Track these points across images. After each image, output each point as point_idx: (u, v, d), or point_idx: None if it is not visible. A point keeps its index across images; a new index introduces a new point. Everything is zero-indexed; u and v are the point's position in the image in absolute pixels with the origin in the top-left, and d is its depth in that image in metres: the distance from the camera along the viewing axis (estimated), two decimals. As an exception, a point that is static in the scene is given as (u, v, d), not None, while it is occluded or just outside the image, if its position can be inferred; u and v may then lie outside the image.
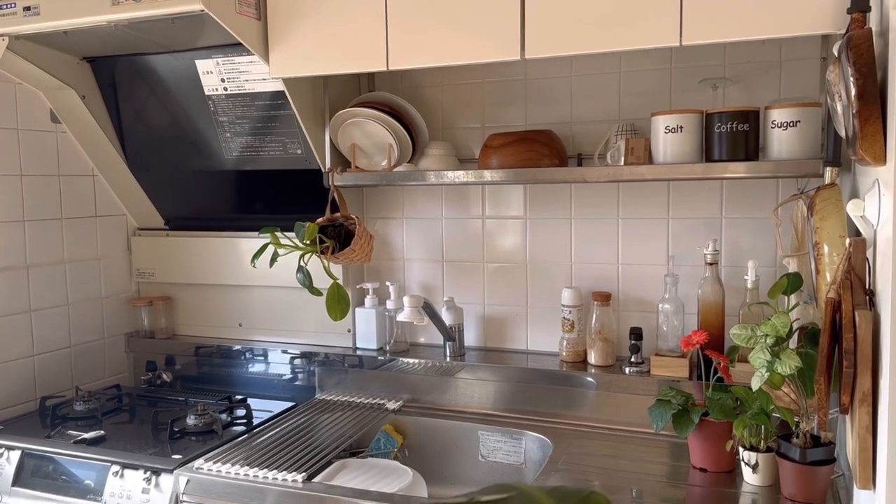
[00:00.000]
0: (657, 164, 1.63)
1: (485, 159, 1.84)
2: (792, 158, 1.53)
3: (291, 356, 2.20)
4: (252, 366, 2.26)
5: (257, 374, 2.25)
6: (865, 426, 1.13)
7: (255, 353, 2.25)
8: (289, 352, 2.20)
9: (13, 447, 1.80)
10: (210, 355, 2.30)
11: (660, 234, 1.89)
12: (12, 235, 2.00)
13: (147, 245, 2.35)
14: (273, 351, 2.22)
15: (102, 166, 2.23)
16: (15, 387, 2.01)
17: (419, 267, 2.15)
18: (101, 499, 1.66)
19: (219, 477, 1.58)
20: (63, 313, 2.15)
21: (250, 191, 2.19)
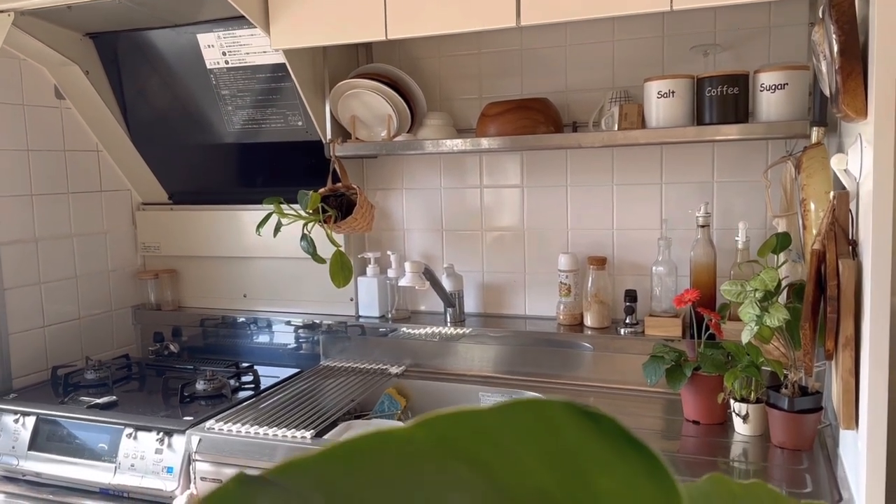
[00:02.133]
0: (650, 128, 1.68)
1: (482, 127, 1.88)
2: (780, 120, 1.57)
3: (296, 325, 2.25)
4: (257, 335, 2.31)
5: (262, 343, 2.30)
6: (848, 369, 1.18)
7: (259, 323, 2.30)
8: (293, 321, 2.26)
9: (28, 413, 1.85)
10: (216, 326, 2.35)
11: (653, 199, 1.95)
12: (21, 209, 2.04)
13: (152, 219, 2.40)
14: (277, 320, 2.28)
15: (106, 142, 2.27)
16: (27, 357, 2.07)
17: (419, 236, 2.20)
18: (116, 460, 1.72)
19: (229, 436, 1.64)
20: (71, 286, 2.20)
21: (252, 163, 2.24)
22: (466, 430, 0.32)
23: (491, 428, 0.32)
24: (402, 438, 0.31)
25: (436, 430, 0.32)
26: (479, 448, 0.31)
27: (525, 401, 0.32)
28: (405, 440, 0.31)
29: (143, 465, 1.69)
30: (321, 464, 0.29)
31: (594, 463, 0.31)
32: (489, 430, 0.32)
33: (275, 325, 2.29)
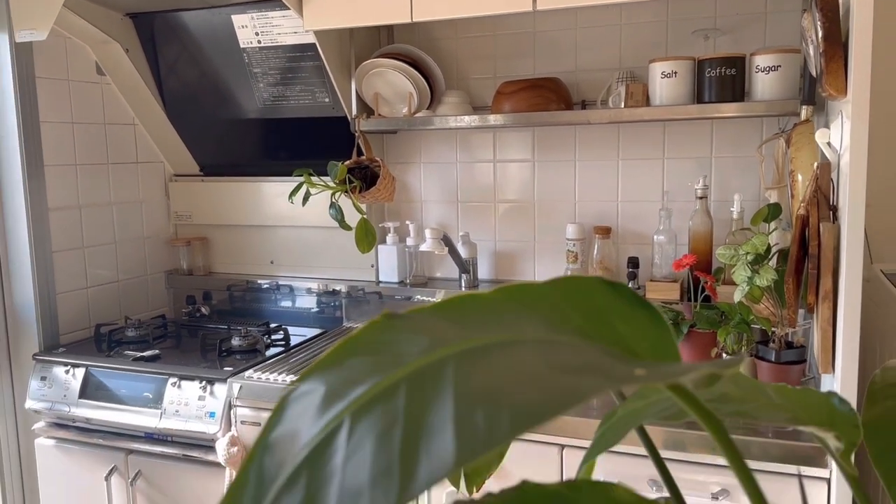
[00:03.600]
0: (654, 106, 1.82)
1: (498, 105, 2.03)
2: (773, 99, 1.72)
3: (319, 290, 2.41)
4: (283, 299, 2.47)
5: (288, 306, 2.46)
6: (827, 319, 1.34)
7: (285, 287, 2.46)
8: (316, 286, 2.41)
9: (78, 364, 2.02)
10: (244, 290, 2.51)
11: (655, 172, 2.09)
12: (66, 178, 2.19)
13: (183, 190, 2.55)
14: (302, 285, 2.43)
15: (142, 116, 2.42)
16: (73, 315, 2.22)
17: (435, 207, 2.35)
18: (161, 406, 1.88)
19: (267, 383, 1.80)
20: (111, 251, 2.36)
21: (280, 138, 2.38)
22: (529, 292, 0.47)
23: (546, 292, 0.48)
24: (488, 297, 0.47)
25: (509, 292, 0.47)
26: (537, 303, 0.47)
27: (569, 276, 0.48)
28: (489, 298, 0.47)
29: (186, 411, 1.85)
30: (439, 307, 0.45)
31: (615, 314, 0.47)
32: (544, 293, 0.47)
33: (299, 290, 2.44)
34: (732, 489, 1.46)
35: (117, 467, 1.96)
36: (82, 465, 2.01)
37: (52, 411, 2.00)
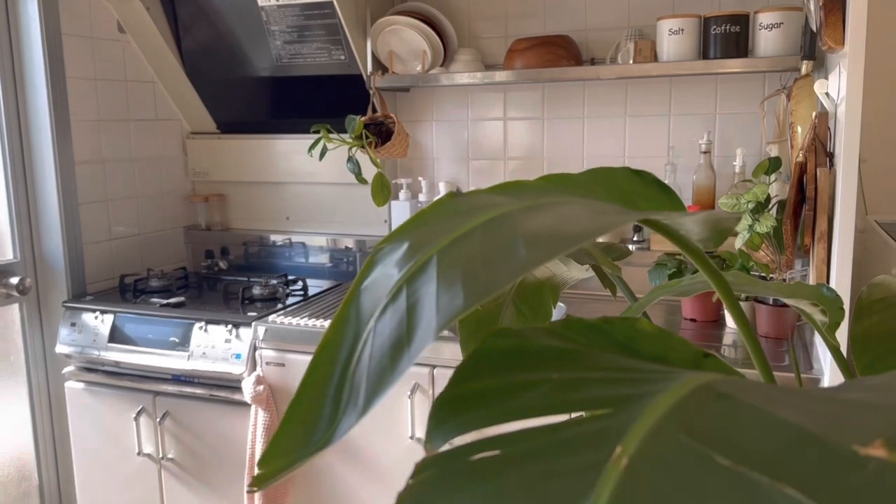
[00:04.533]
0: (661, 62, 1.89)
1: (510, 61, 2.10)
2: (776, 55, 1.79)
3: (334, 245, 2.49)
4: (298, 254, 2.55)
5: (303, 261, 2.55)
6: (822, 258, 1.43)
7: (301, 242, 2.54)
8: (331, 241, 2.50)
9: (106, 311, 2.11)
10: (260, 245, 2.59)
11: (661, 129, 2.17)
12: (90, 133, 2.26)
13: (201, 147, 2.62)
14: (317, 241, 2.52)
15: (162, 74, 2.49)
16: (98, 266, 2.31)
17: (446, 164, 2.43)
18: (188, 349, 1.98)
19: (290, 327, 1.90)
20: (132, 205, 2.44)
21: (296, 95, 2.45)
22: (567, 179, 0.56)
23: (580, 179, 0.56)
24: (532, 182, 0.55)
25: (549, 178, 0.56)
26: (573, 187, 0.55)
27: (599, 167, 0.56)
28: (534, 182, 0.55)
29: (213, 353, 1.95)
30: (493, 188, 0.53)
31: (639, 195, 0.55)
32: (580, 179, 0.56)
33: (314, 245, 2.53)
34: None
35: (145, 408, 2.06)
36: (111, 407, 2.11)
37: (82, 355, 2.10)
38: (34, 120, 2.12)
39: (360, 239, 2.46)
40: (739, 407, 0.33)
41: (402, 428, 1.80)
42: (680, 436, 0.31)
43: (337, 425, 0.42)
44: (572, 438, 0.33)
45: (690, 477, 0.28)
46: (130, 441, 2.10)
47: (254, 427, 1.90)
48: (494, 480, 0.33)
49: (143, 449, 2.08)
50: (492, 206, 0.48)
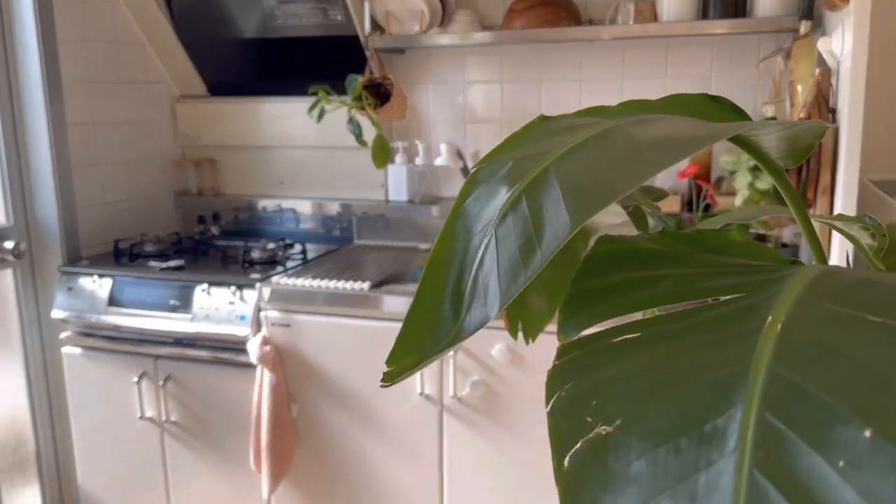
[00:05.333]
0: (662, 22, 1.91)
1: (509, 21, 2.10)
2: (774, 15, 1.82)
3: (330, 209, 2.49)
4: (294, 219, 2.54)
5: (298, 226, 2.54)
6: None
7: (296, 207, 2.53)
8: (327, 205, 2.49)
9: (104, 274, 2.09)
10: (254, 210, 2.58)
11: (658, 91, 2.19)
12: (81, 94, 2.22)
13: (191, 110, 2.59)
14: (313, 205, 2.51)
15: (151, 34, 2.44)
16: (91, 231, 2.28)
17: (444, 128, 2.43)
18: (191, 311, 1.97)
19: (294, 288, 1.90)
20: (123, 169, 2.41)
21: (290, 57, 2.43)
22: (645, 104, 0.58)
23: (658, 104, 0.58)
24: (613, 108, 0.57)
25: (629, 104, 0.58)
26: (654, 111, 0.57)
27: (675, 94, 0.58)
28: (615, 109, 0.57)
29: (217, 315, 1.94)
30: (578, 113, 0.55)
31: (715, 118, 0.57)
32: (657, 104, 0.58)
33: (310, 210, 2.52)
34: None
35: (147, 372, 2.06)
36: (111, 372, 2.10)
37: (80, 320, 2.08)
38: (25, 81, 2.08)
39: (356, 203, 2.46)
40: (866, 280, 0.35)
41: (410, 385, 1.82)
42: (824, 304, 0.33)
43: (462, 324, 0.44)
44: (715, 318, 0.36)
45: (846, 333, 0.31)
46: (131, 405, 2.09)
47: (259, 388, 1.91)
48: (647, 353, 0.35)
49: (145, 413, 2.08)
50: (590, 124, 0.49)
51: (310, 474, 1.97)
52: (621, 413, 0.34)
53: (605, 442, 0.34)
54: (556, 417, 0.35)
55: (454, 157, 2.13)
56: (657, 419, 0.33)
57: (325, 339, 1.88)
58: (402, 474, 1.89)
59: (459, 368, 1.78)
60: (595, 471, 0.34)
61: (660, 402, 0.33)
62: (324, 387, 1.91)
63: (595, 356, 0.36)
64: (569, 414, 0.35)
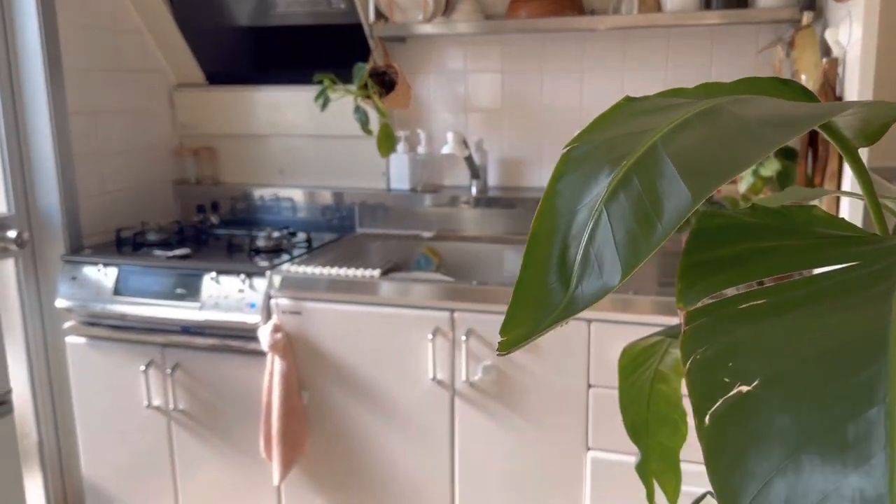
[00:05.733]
0: (669, 12, 1.94)
1: (514, 10, 2.12)
2: (775, 6, 1.86)
3: (331, 198, 2.49)
4: (295, 208, 2.55)
5: (300, 215, 2.54)
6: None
7: (296, 196, 2.53)
8: (328, 194, 2.50)
9: (109, 263, 2.08)
10: (255, 199, 2.57)
11: (658, 81, 2.23)
12: (82, 83, 2.20)
13: (189, 99, 2.57)
14: (314, 194, 2.51)
15: (150, 22, 2.42)
16: (93, 219, 2.27)
17: (445, 117, 2.44)
18: (199, 300, 1.97)
19: (305, 275, 1.91)
20: (122, 158, 2.39)
21: (292, 45, 2.42)
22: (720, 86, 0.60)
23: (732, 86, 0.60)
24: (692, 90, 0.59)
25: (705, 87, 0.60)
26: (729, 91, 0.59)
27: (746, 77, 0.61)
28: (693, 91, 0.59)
29: (226, 303, 1.95)
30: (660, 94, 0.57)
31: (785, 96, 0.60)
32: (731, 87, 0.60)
33: (311, 198, 2.52)
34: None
35: (154, 361, 2.05)
36: (117, 361, 2.09)
37: (85, 309, 2.07)
38: (27, 68, 2.05)
39: (357, 192, 2.46)
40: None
41: (422, 370, 1.84)
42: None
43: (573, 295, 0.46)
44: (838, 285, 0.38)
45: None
46: (137, 394, 2.09)
47: (270, 375, 1.92)
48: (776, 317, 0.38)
49: (152, 402, 2.08)
50: (683, 104, 0.51)
51: (321, 461, 1.99)
52: (760, 372, 0.36)
53: (746, 400, 0.36)
54: (694, 379, 0.38)
55: (460, 145, 2.15)
56: (798, 376, 0.35)
57: (335, 326, 1.90)
58: (414, 459, 1.91)
59: (472, 354, 1.81)
60: (737, 428, 0.36)
61: (800, 361, 0.35)
62: (335, 373, 1.92)
63: (725, 321, 0.39)
64: (706, 375, 0.38)
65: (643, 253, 0.43)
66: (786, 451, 0.35)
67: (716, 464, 0.36)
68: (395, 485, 1.94)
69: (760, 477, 0.35)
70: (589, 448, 1.79)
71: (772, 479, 0.34)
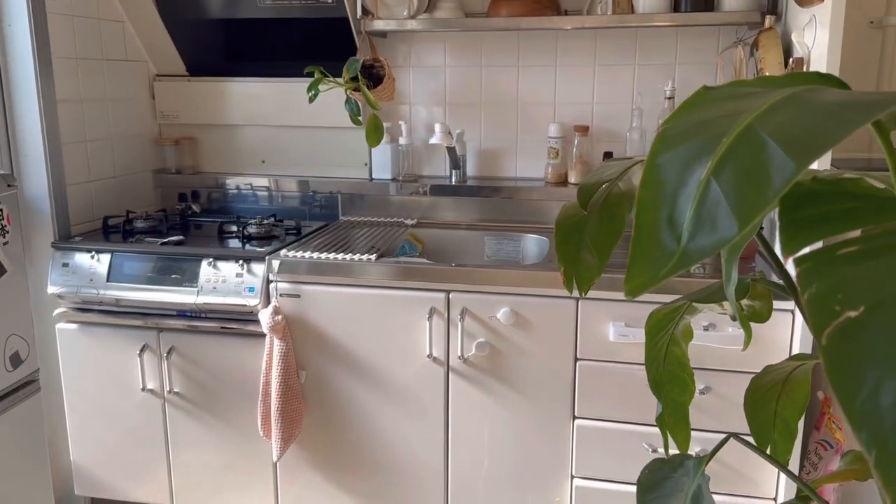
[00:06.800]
0: (643, 13, 2.09)
1: (495, 9, 2.23)
2: (739, 10, 2.03)
3: (313, 187, 2.56)
4: (277, 197, 2.60)
5: (283, 204, 2.60)
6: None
7: (279, 185, 2.59)
8: (311, 183, 2.56)
9: (102, 250, 2.10)
10: (236, 189, 2.62)
11: (627, 77, 2.38)
12: (68, 70, 2.21)
13: (169, 89, 2.59)
14: (296, 183, 2.57)
15: (131, 13, 2.43)
16: (80, 207, 2.27)
17: (425, 109, 2.54)
18: (197, 285, 2.02)
19: (302, 260, 1.98)
20: (106, 146, 2.40)
21: (274, 38, 2.47)
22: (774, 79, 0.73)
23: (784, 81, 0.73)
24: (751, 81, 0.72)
25: (764, 80, 0.73)
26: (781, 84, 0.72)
27: (794, 73, 0.74)
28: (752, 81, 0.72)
29: (225, 288, 2.00)
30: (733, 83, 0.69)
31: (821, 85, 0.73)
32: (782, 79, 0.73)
33: (294, 187, 2.58)
34: (715, 325, 1.82)
35: (148, 345, 2.09)
36: (110, 346, 2.12)
37: (78, 295, 2.09)
38: (14, 57, 2.05)
39: (340, 181, 2.53)
40: None
41: (419, 348, 1.95)
42: None
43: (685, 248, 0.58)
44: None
45: None
46: (131, 378, 2.12)
47: (268, 356, 1.99)
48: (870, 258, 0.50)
49: (147, 385, 2.11)
50: (759, 92, 0.64)
51: (316, 437, 2.07)
52: (864, 301, 0.49)
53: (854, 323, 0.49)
54: (811, 308, 0.50)
55: (447, 136, 2.26)
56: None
57: (334, 307, 1.98)
58: (408, 433, 2.01)
59: (466, 332, 1.92)
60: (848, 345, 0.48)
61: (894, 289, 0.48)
62: (332, 353, 2.01)
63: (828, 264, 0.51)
64: (819, 305, 0.50)
65: (758, 211, 0.55)
66: (890, 361, 0.47)
67: (834, 373, 0.48)
68: (389, 456, 2.04)
69: (870, 382, 0.47)
70: (575, 417, 1.93)
71: (881, 383, 0.47)
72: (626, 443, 1.90)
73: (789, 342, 1.78)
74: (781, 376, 1.14)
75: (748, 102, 0.63)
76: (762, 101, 0.61)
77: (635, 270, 0.60)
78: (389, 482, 2.06)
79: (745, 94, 0.65)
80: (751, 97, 0.63)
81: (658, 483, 1.04)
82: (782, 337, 1.78)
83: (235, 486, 2.15)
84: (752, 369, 1.78)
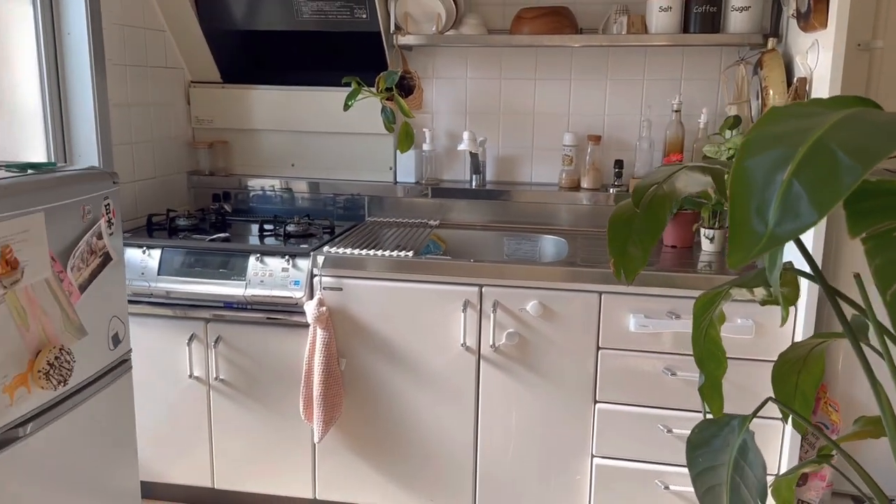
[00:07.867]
0: (657, 34, 2.29)
1: (517, 27, 2.42)
2: (744, 32, 2.24)
3: (340, 190, 2.72)
4: (306, 199, 2.75)
5: (311, 206, 2.75)
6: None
7: (308, 188, 2.74)
8: (339, 186, 2.72)
9: (152, 245, 2.23)
10: (264, 190, 2.76)
11: (637, 91, 2.58)
12: (119, 77, 2.34)
13: (204, 96, 2.73)
14: (324, 186, 2.73)
15: (171, 22, 2.57)
16: (126, 206, 2.41)
17: (446, 118, 2.72)
18: (245, 278, 2.17)
19: (345, 255, 2.14)
20: (148, 149, 2.53)
21: (309, 50, 2.63)
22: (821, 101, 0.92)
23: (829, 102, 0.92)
24: (807, 102, 0.91)
25: (816, 102, 0.92)
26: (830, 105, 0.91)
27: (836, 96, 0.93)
28: (809, 103, 0.91)
29: (271, 281, 2.15)
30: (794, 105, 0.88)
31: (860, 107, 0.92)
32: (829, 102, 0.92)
33: (322, 190, 2.74)
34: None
35: (196, 335, 2.23)
36: (158, 336, 2.25)
37: (129, 288, 2.22)
38: (74, 62, 2.18)
39: (367, 184, 2.69)
40: None
41: (453, 338, 2.11)
42: None
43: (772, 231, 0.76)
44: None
45: None
46: (178, 366, 2.26)
47: (311, 345, 2.14)
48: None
49: (194, 373, 2.25)
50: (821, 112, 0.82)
51: (353, 420, 2.22)
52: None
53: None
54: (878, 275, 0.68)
55: (474, 142, 2.43)
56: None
57: (374, 300, 2.13)
58: (441, 416, 2.17)
59: (498, 323, 2.09)
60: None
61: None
62: (371, 342, 2.16)
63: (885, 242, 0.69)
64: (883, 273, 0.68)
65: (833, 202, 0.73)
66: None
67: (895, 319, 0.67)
68: (422, 438, 2.20)
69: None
70: (596, 401, 2.11)
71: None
72: (643, 425, 2.09)
73: (791, 334, 1.98)
74: (804, 353, 1.33)
75: (814, 121, 0.81)
76: (827, 120, 0.80)
77: (734, 248, 0.78)
78: (422, 463, 2.22)
79: (808, 114, 0.83)
80: (813, 116, 0.82)
81: (706, 441, 1.22)
82: (786, 328, 1.98)
83: (274, 469, 2.29)
84: (756, 357, 1.98)
